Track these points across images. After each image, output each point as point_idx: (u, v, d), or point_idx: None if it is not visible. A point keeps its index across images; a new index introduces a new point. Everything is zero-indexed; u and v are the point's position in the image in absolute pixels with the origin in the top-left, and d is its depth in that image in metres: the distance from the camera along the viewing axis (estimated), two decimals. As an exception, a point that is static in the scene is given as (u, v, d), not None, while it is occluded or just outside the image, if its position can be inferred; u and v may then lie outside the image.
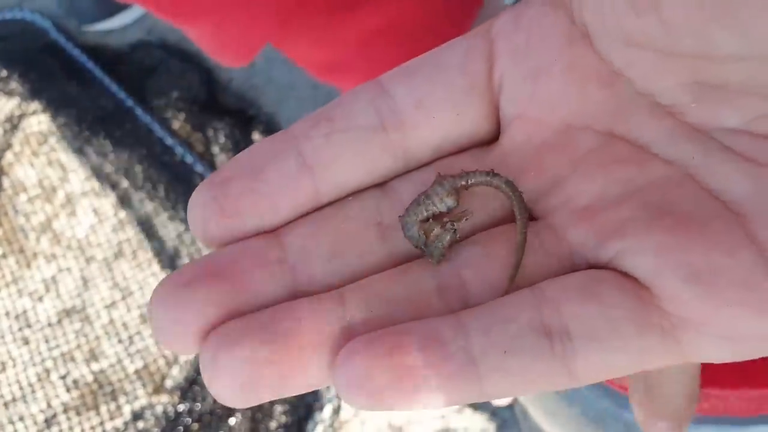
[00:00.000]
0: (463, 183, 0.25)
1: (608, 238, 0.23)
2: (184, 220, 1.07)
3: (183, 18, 0.54)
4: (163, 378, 1.00)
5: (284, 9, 0.52)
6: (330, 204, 0.26)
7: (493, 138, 0.27)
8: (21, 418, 1.00)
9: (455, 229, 0.25)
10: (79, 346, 1.03)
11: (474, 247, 0.25)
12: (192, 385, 0.99)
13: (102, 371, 1.02)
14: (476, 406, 0.95)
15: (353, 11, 0.51)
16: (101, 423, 0.99)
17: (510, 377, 0.22)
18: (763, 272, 0.22)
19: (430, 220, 0.25)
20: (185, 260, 1.06)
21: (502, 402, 0.81)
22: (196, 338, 0.23)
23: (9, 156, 1.15)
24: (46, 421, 1.00)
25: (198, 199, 0.25)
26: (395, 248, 0.25)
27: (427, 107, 0.26)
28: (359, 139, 0.25)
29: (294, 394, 0.23)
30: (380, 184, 0.26)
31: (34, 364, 1.03)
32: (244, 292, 0.23)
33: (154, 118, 1.13)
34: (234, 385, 0.22)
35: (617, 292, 0.22)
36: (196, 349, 0.23)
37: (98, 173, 1.12)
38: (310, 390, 0.23)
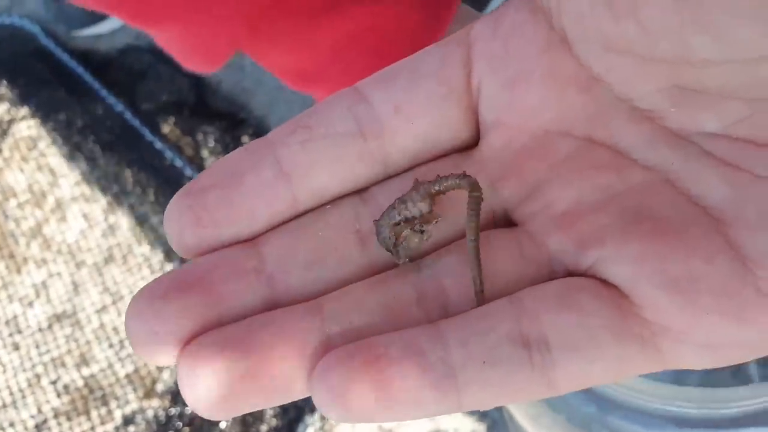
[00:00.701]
0: (437, 188, 0.25)
1: (587, 246, 0.23)
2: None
3: (151, 23, 0.53)
4: (154, 382, 1.00)
5: (253, 14, 0.51)
6: (308, 212, 0.25)
7: (472, 144, 0.26)
8: (12, 424, 1.00)
9: (423, 230, 0.24)
10: (69, 351, 1.03)
11: (452, 255, 0.24)
12: (183, 390, 0.98)
13: (93, 376, 1.01)
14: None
15: (325, 17, 0.50)
16: (92, 428, 0.99)
17: (489, 388, 0.22)
18: (741, 279, 0.22)
19: (402, 223, 0.24)
20: (176, 264, 1.06)
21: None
22: (174, 350, 0.23)
23: (-2, 161, 1.15)
24: (37, 426, 0.99)
25: (174, 208, 0.24)
26: (374, 256, 0.25)
27: (406, 113, 0.25)
28: (337, 146, 0.25)
29: (273, 406, 0.23)
30: (359, 191, 0.26)
31: (24, 370, 1.03)
32: (220, 303, 0.23)
33: (144, 122, 1.12)
34: (212, 398, 0.22)
35: (595, 301, 0.22)
36: (174, 361, 0.23)
37: (88, 178, 1.11)
38: (289, 401, 0.23)
